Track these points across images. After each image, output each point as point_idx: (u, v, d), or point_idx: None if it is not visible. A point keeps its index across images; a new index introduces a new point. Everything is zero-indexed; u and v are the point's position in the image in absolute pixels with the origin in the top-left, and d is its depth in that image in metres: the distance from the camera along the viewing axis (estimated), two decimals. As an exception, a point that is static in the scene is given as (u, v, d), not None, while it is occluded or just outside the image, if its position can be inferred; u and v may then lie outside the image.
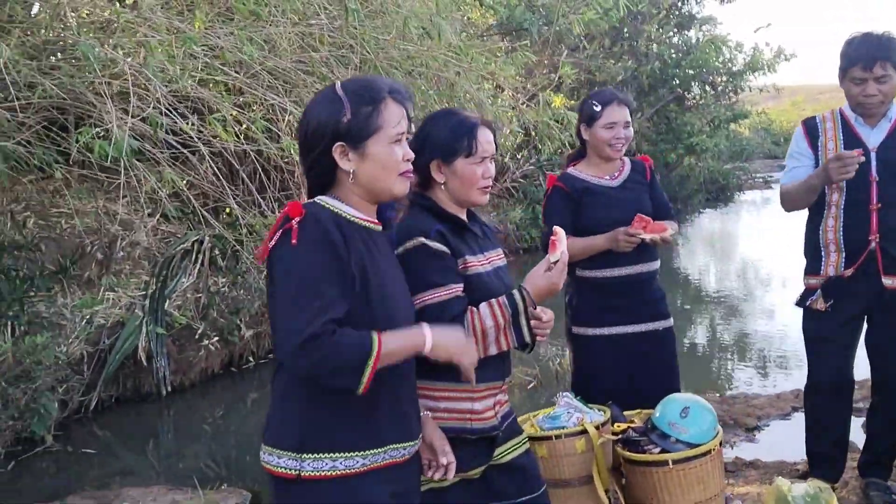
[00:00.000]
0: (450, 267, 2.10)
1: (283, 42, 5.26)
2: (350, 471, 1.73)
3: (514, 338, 2.09)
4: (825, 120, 3.24)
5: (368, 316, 1.72)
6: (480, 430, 2.16)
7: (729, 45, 16.72)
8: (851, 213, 3.11)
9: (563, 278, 2.09)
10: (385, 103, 1.76)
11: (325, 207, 1.76)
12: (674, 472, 2.67)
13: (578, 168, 3.25)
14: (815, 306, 3.19)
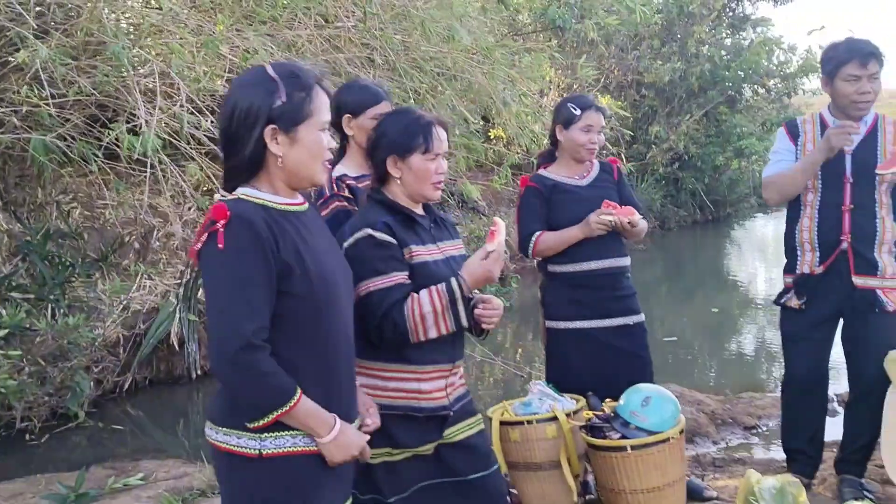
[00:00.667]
0: (394, 256, 2.25)
1: (308, 44, 5.50)
2: (309, 448, 1.80)
3: (452, 322, 2.23)
4: (805, 122, 3.33)
5: (311, 297, 1.79)
6: (429, 410, 2.32)
7: (782, 48, 16.52)
8: (825, 214, 3.20)
9: (498, 267, 2.22)
10: (316, 90, 1.80)
11: (250, 202, 1.77)
12: (632, 457, 2.80)
13: (550, 170, 3.40)
14: (789, 304, 3.29)
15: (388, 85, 5.81)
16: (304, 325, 1.81)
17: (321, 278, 1.82)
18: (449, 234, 2.49)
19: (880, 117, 3.27)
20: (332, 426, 1.80)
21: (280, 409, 1.72)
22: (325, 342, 1.85)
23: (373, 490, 2.34)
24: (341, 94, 3.09)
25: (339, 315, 1.91)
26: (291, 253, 1.76)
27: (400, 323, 2.20)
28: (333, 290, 1.87)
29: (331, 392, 1.86)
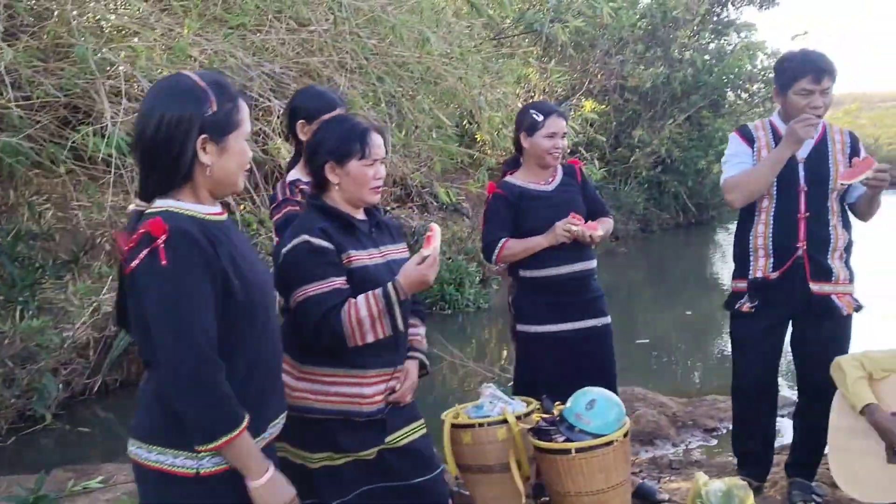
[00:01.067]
0: (331, 261, 2.27)
1: (281, 48, 5.53)
2: None
3: (388, 326, 2.26)
4: (757, 128, 3.36)
5: (250, 304, 1.79)
6: (369, 414, 2.35)
7: (766, 52, 16.64)
8: (781, 221, 3.25)
9: (433, 272, 2.23)
10: (240, 101, 1.80)
11: (182, 214, 1.74)
12: (576, 460, 2.82)
13: (515, 176, 3.43)
14: (742, 308, 3.32)
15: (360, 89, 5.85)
16: (244, 332, 1.82)
17: (255, 285, 1.83)
18: (392, 237, 2.52)
19: (828, 126, 3.32)
20: (266, 470, 1.77)
21: (228, 434, 1.69)
22: (263, 347, 1.87)
23: (313, 495, 2.36)
24: (296, 100, 3.12)
25: (271, 320, 1.93)
26: (229, 263, 1.76)
27: (337, 328, 2.22)
28: (266, 296, 1.89)
29: (265, 397, 1.87)
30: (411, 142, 6.71)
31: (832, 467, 3.16)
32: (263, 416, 1.86)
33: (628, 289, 11.59)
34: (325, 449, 2.34)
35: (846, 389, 3.11)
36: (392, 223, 2.58)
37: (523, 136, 3.35)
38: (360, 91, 5.87)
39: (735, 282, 3.39)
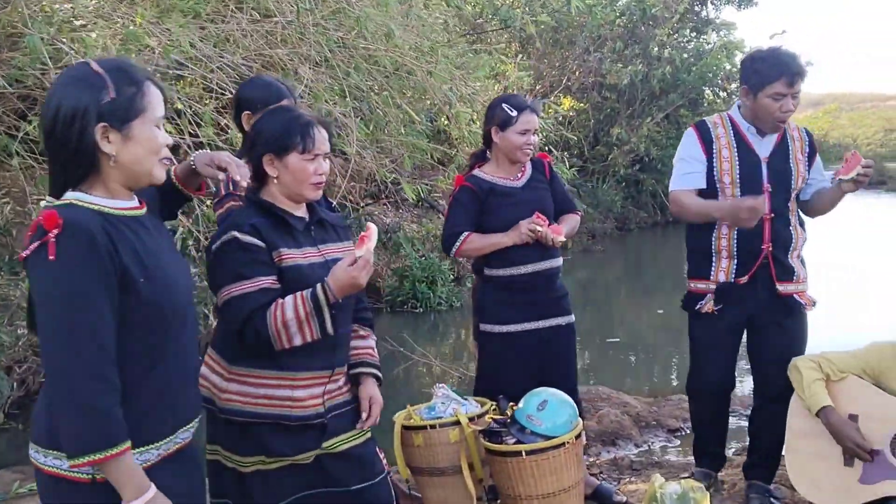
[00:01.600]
0: (259, 259, 2.16)
1: (244, 39, 5.41)
2: (147, 464, 1.73)
3: (317, 329, 2.15)
4: (716, 125, 3.28)
5: (155, 303, 1.71)
6: (300, 418, 2.23)
7: (744, 51, 16.67)
8: None
9: (366, 274, 2.12)
10: (147, 85, 1.71)
11: (84, 208, 1.66)
12: (527, 462, 2.75)
13: (484, 170, 3.35)
14: (705, 310, 3.27)
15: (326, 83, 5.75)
16: (149, 332, 1.73)
17: (164, 284, 1.74)
18: (336, 236, 2.41)
19: (786, 125, 3.25)
20: (143, 492, 1.66)
21: (99, 454, 1.60)
22: (172, 349, 1.78)
23: (247, 499, 2.27)
24: (242, 91, 3.03)
25: (187, 322, 1.84)
26: (132, 259, 1.67)
27: (262, 329, 2.12)
28: (176, 296, 1.78)
29: (175, 401, 1.80)
30: (381, 136, 6.61)
31: (789, 469, 3.12)
32: (171, 420, 1.79)
33: (605, 287, 11.59)
34: (257, 453, 2.25)
35: (802, 391, 3.07)
36: (337, 221, 2.47)
37: (494, 131, 3.27)
38: (325, 85, 5.76)
39: (693, 282, 3.33)
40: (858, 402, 3.06)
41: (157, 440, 1.74)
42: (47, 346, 1.61)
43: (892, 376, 3.03)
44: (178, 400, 1.81)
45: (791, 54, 3.16)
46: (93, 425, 1.59)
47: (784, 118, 3.12)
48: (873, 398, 3.05)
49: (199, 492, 1.97)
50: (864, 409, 3.04)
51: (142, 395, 1.71)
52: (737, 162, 3.19)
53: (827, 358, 3.11)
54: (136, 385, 1.69)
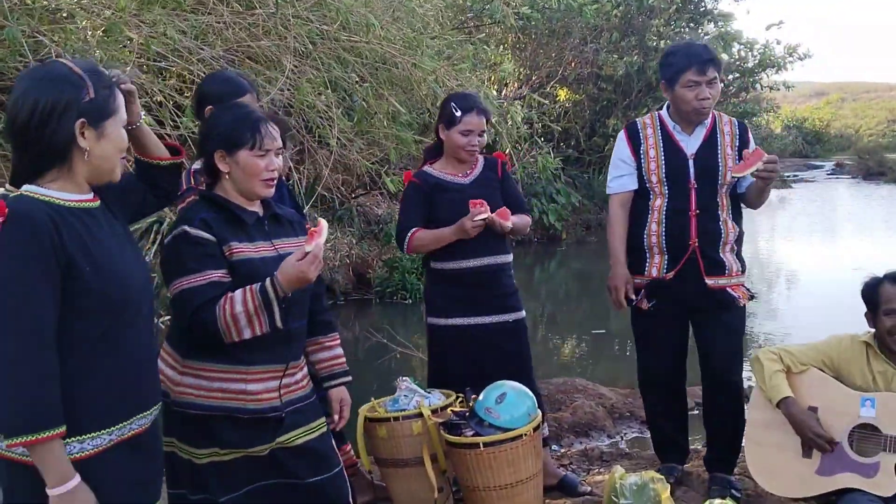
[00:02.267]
0: (209, 254, 2.19)
1: (226, 30, 5.44)
2: (98, 448, 1.78)
3: (266, 323, 2.17)
4: (646, 126, 3.35)
5: (103, 294, 1.76)
6: (254, 411, 2.25)
7: (742, 42, 16.63)
8: (673, 219, 3.25)
9: (314, 269, 2.14)
10: (114, 88, 1.83)
11: (32, 198, 1.74)
12: (484, 454, 2.79)
13: (434, 166, 3.37)
14: (640, 305, 3.34)
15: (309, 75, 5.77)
16: (98, 320, 1.78)
17: (112, 274, 1.79)
18: (292, 231, 2.42)
19: (717, 118, 3.31)
20: (66, 481, 1.70)
21: (27, 436, 1.65)
22: (122, 339, 1.82)
23: (203, 490, 2.30)
24: (204, 85, 3.05)
25: (138, 311, 1.88)
26: (78, 249, 1.74)
27: (210, 322, 2.15)
28: (127, 287, 1.83)
29: (125, 387, 1.84)
30: (366, 128, 6.63)
31: (748, 460, 3.14)
32: (125, 406, 1.84)
33: (600, 278, 11.57)
34: (211, 445, 2.27)
35: (763, 382, 3.09)
36: (293, 216, 2.49)
37: (441, 128, 3.30)
38: (309, 77, 5.79)
39: (632, 277, 3.38)
40: (818, 395, 3.08)
41: (110, 425, 1.79)
42: None
43: (851, 369, 3.05)
44: (133, 387, 1.86)
45: (703, 45, 3.27)
46: (23, 409, 1.65)
47: (701, 106, 3.16)
48: (833, 391, 3.07)
49: (157, 479, 2.01)
50: (824, 402, 3.06)
51: (92, 381, 1.77)
52: (663, 160, 3.25)
53: (788, 350, 3.14)
54: (87, 370, 1.76)
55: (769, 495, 3.24)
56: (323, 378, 2.58)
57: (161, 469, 2.06)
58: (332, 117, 5.73)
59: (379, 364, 6.15)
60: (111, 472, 1.80)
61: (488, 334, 3.27)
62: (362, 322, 8.01)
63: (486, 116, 3.31)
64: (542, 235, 14.46)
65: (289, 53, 5.59)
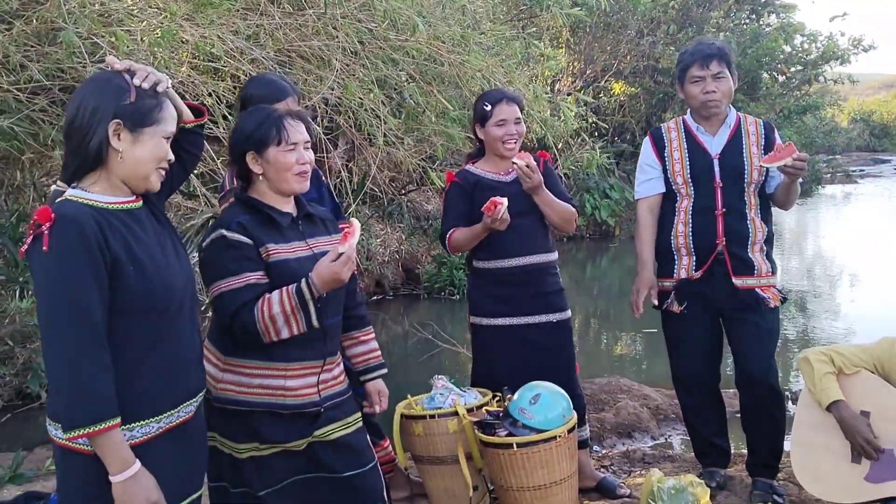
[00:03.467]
0: (246, 256, 2.25)
1: (277, 31, 5.53)
2: (148, 435, 1.87)
3: (303, 323, 2.23)
4: (669, 130, 3.37)
5: (146, 293, 1.84)
6: (294, 407, 2.32)
7: (805, 34, 16.19)
8: (699, 219, 3.26)
9: (348, 270, 2.19)
10: (166, 103, 1.91)
11: (76, 202, 1.82)
12: (517, 454, 2.80)
13: (476, 165, 3.38)
14: (671, 309, 3.34)
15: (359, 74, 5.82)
16: (144, 317, 1.86)
17: (155, 275, 1.87)
18: (325, 230, 2.48)
19: (742, 118, 3.30)
20: (128, 467, 1.79)
21: (86, 429, 1.74)
22: (164, 336, 1.90)
23: (243, 483, 2.37)
24: (248, 88, 3.13)
25: (181, 308, 1.94)
26: (122, 250, 1.81)
27: (249, 323, 2.21)
28: (169, 286, 1.90)
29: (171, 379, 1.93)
30: (415, 125, 6.66)
31: (794, 462, 3.08)
32: (171, 396, 1.93)
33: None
34: (251, 440, 2.34)
35: (813, 384, 3.02)
36: (325, 215, 2.54)
37: (478, 128, 3.32)
38: (357, 75, 5.84)
39: (661, 280, 3.38)
40: (870, 399, 3.01)
41: (158, 414, 1.89)
42: (43, 330, 1.76)
43: (902, 372, 2.97)
44: (179, 378, 1.95)
45: (711, 41, 3.31)
46: (81, 402, 1.73)
47: (708, 100, 3.18)
48: (886, 396, 2.99)
49: (201, 466, 2.10)
50: (877, 407, 2.99)
51: (141, 374, 1.86)
52: (687, 162, 3.27)
53: (838, 351, 3.06)
54: (136, 364, 1.84)
55: (813, 501, 3.18)
56: (359, 372, 2.63)
57: (205, 459, 2.15)
58: (379, 115, 5.78)
59: (425, 360, 6.18)
60: (160, 460, 1.88)
61: (532, 334, 3.27)
62: (411, 317, 8.07)
63: (518, 104, 3.32)
64: (595, 231, 14.35)
65: (338, 52, 5.65)
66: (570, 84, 15.60)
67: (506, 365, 3.26)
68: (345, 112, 6.02)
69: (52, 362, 1.76)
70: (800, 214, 18.64)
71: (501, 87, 6.40)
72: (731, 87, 3.22)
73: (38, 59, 4.83)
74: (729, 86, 3.21)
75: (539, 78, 11.79)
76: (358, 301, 2.65)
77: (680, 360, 3.42)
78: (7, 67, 4.70)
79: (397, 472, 3.34)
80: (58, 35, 4.90)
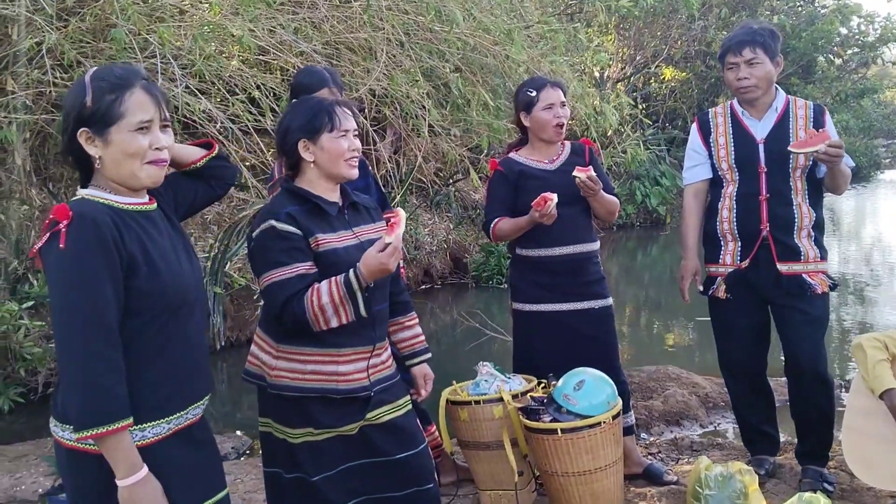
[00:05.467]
0: (296, 247, 2.28)
1: (324, 23, 5.61)
2: (158, 436, 1.82)
3: (352, 312, 2.26)
4: (716, 115, 3.34)
5: (159, 294, 1.80)
6: (346, 391, 2.35)
7: (861, 16, 15.75)
8: (743, 204, 3.23)
9: (394, 260, 2.20)
10: (131, 91, 1.78)
11: (93, 201, 1.78)
12: (562, 440, 2.81)
13: (520, 153, 3.39)
14: (717, 294, 3.31)
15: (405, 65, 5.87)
16: (153, 319, 1.83)
17: (168, 276, 1.84)
18: (369, 217, 2.51)
19: (791, 101, 3.25)
20: (136, 472, 1.74)
21: (98, 429, 1.69)
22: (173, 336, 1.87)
23: (298, 469, 2.40)
24: (296, 78, 3.23)
25: (192, 311, 1.92)
26: (137, 250, 1.79)
27: (299, 313, 2.25)
28: (180, 287, 1.87)
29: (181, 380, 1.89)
30: (460, 117, 6.68)
31: (844, 448, 3.03)
32: (180, 397, 1.89)
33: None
34: (305, 425, 2.37)
35: (866, 371, 2.97)
36: (369, 203, 2.57)
37: (523, 116, 3.32)
38: (403, 67, 5.89)
39: (708, 266, 3.36)
40: None
41: (168, 415, 1.85)
42: (57, 327, 1.73)
43: (957, 361, 2.90)
44: (188, 380, 1.90)
45: (749, 26, 3.24)
46: (93, 401, 1.69)
47: (741, 86, 3.17)
48: (942, 384, 2.93)
49: (216, 467, 2.06)
50: (931, 395, 2.93)
51: (150, 374, 1.81)
52: (732, 147, 3.24)
53: (893, 337, 3.00)
54: (145, 364, 1.80)
55: (864, 489, 3.14)
56: (405, 356, 2.67)
57: (219, 460, 2.10)
58: (425, 106, 5.82)
59: (472, 348, 6.21)
60: (173, 461, 1.84)
61: (573, 321, 3.27)
62: (458, 306, 8.11)
63: (562, 88, 3.32)
64: (645, 219, 14.21)
65: (384, 44, 5.70)
66: (619, 70, 15.44)
67: (546, 351, 3.27)
68: (391, 103, 6.09)
69: (66, 361, 1.72)
70: (858, 200, 18.18)
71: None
72: (768, 72, 3.15)
73: (93, 55, 4.99)
74: (765, 70, 3.14)
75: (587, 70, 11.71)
76: (401, 287, 2.68)
77: (727, 348, 3.39)
78: (63, 64, 4.86)
79: (444, 457, 3.38)
80: (110, 32, 5.07)
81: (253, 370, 2.47)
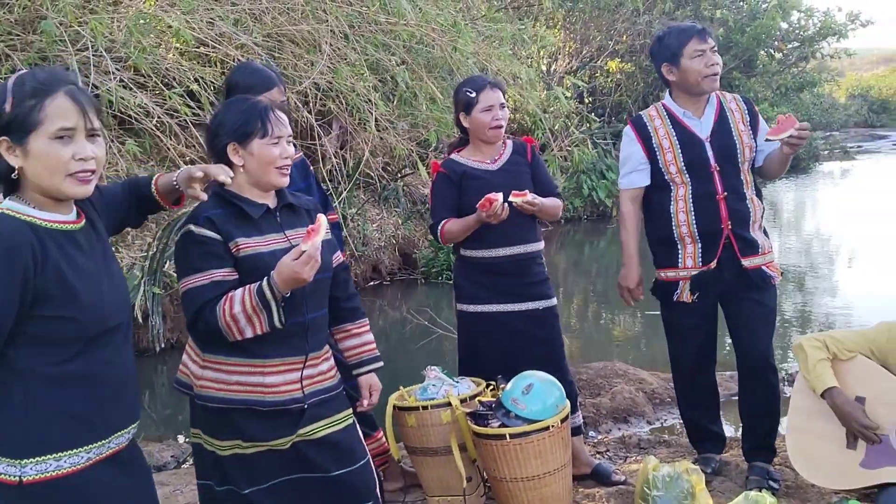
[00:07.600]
0: (212, 252, 2.17)
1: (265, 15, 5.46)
2: (77, 466, 1.72)
3: (266, 322, 2.15)
4: (652, 118, 3.28)
5: (75, 318, 1.71)
6: (274, 403, 2.24)
7: (801, 10, 16.10)
8: (701, 205, 3.18)
9: (310, 269, 2.09)
10: (52, 97, 1.65)
11: (15, 218, 1.67)
12: (511, 445, 2.77)
13: (462, 154, 3.33)
14: (682, 299, 3.26)
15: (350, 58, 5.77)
16: (68, 346, 1.72)
17: (87, 300, 1.72)
18: (308, 220, 2.40)
19: (721, 96, 3.25)
20: None
21: None
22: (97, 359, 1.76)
23: (228, 482, 2.31)
24: (232, 76, 3.06)
25: (114, 334, 1.82)
26: (52, 277, 1.67)
27: (211, 322, 2.15)
28: (102, 311, 1.76)
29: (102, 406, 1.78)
30: (407, 111, 6.60)
31: (789, 447, 3.06)
32: (102, 426, 1.79)
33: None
34: (233, 437, 2.27)
35: (807, 371, 3.00)
36: (309, 204, 2.46)
37: (462, 116, 3.26)
38: (348, 60, 5.78)
39: (662, 270, 3.30)
40: (866, 385, 2.98)
41: (87, 444, 1.75)
42: None
43: (899, 358, 2.93)
44: (110, 407, 1.79)
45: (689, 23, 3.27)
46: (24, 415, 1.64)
47: (713, 72, 3.13)
48: (881, 382, 2.96)
49: (145, 491, 1.96)
50: (872, 393, 2.96)
51: (66, 401, 1.72)
52: (679, 150, 3.18)
53: (833, 336, 3.03)
54: (61, 393, 1.71)
55: (809, 486, 3.16)
56: (352, 365, 2.56)
57: (151, 484, 2.02)
58: (371, 100, 5.72)
59: (422, 346, 6.16)
60: (97, 490, 1.76)
61: (517, 322, 3.23)
62: (408, 303, 8.03)
63: (501, 89, 3.28)
64: (592, 213, 14.28)
65: (328, 36, 5.59)
66: (566, 65, 15.50)
67: (492, 352, 3.23)
68: (336, 97, 5.97)
69: None
70: (797, 192, 18.61)
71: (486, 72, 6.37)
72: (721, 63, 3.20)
73: (23, 48, 4.78)
74: (720, 61, 3.19)
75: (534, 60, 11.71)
76: (350, 292, 2.57)
77: (681, 349, 3.36)
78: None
79: (391, 463, 3.31)
80: (40, 24, 4.85)
81: (183, 379, 2.37)
